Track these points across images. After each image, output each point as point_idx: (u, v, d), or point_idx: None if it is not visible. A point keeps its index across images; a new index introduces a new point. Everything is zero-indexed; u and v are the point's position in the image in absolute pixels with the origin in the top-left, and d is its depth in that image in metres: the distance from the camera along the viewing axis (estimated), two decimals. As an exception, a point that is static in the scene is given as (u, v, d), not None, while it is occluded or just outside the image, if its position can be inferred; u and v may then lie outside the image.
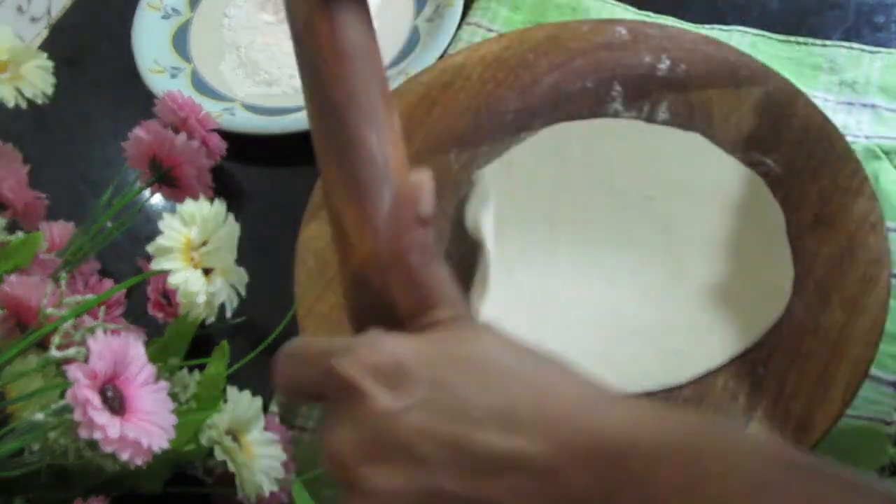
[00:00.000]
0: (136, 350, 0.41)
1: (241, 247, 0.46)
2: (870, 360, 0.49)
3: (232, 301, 0.46)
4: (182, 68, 0.74)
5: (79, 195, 0.68)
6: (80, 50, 0.78)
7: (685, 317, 0.53)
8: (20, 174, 0.58)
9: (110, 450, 0.38)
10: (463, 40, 0.71)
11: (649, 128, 0.60)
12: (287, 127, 0.68)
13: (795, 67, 0.65)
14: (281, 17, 0.76)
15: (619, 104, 0.61)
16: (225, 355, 0.48)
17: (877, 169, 0.59)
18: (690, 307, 0.53)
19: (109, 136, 0.72)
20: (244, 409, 0.47)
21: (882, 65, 0.65)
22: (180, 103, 0.61)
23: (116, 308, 0.56)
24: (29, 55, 0.54)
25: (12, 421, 0.46)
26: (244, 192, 0.68)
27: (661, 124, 0.60)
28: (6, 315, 0.49)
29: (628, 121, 0.61)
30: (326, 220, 0.59)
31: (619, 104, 0.61)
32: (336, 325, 0.55)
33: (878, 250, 0.52)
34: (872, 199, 0.54)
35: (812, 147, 0.57)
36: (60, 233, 0.58)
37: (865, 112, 0.63)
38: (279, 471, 0.47)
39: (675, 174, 0.58)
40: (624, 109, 0.61)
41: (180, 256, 0.44)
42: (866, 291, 0.51)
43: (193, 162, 0.56)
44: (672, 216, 0.56)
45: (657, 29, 0.64)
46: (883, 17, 0.67)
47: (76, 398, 0.37)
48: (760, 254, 0.54)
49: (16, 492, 0.46)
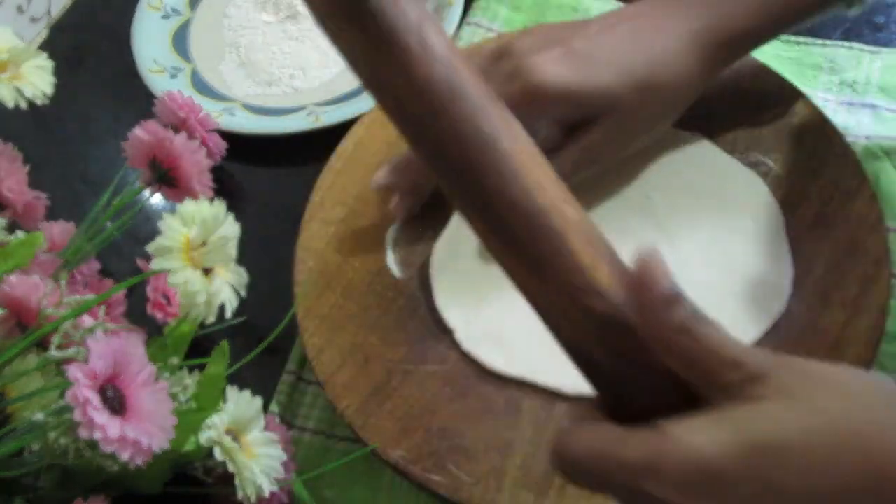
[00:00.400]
0: (136, 350, 0.41)
1: (241, 247, 0.46)
2: (870, 360, 0.49)
3: (232, 301, 0.46)
4: (182, 68, 0.74)
5: (79, 195, 0.68)
6: (80, 50, 0.78)
7: (685, 317, 0.52)
8: (20, 174, 0.58)
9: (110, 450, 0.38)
10: (463, 40, 0.71)
11: (649, 128, 0.60)
12: (287, 127, 0.68)
13: (795, 67, 0.65)
14: (281, 16, 0.76)
15: (619, 104, 0.61)
16: (225, 355, 0.48)
17: (877, 169, 0.59)
18: (690, 307, 0.53)
19: (109, 136, 0.72)
20: (244, 409, 0.47)
21: (882, 65, 0.65)
22: (180, 103, 0.61)
23: (116, 308, 0.56)
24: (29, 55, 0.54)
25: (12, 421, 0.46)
26: (244, 192, 0.68)
27: (661, 124, 0.60)
28: (6, 315, 0.49)
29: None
30: (326, 220, 0.59)
31: (619, 104, 0.61)
32: (335, 325, 0.55)
33: (878, 250, 0.52)
34: (872, 199, 0.54)
35: (812, 147, 0.57)
36: (60, 233, 0.58)
37: (865, 112, 0.63)
38: (279, 471, 0.47)
39: (675, 174, 0.58)
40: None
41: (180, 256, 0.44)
42: (866, 291, 0.51)
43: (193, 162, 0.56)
44: (672, 216, 0.56)
45: (657, 29, 0.64)
46: (883, 17, 0.67)
47: (76, 398, 0.37)
48: (760, 253, 0.54)
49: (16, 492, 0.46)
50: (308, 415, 0.56)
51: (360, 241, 0.58)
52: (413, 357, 0.53)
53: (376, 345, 0.54)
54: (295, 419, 0.56)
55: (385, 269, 0.57)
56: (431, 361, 0.53)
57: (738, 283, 0.53)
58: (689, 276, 0.54)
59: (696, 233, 0.55)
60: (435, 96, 0.36)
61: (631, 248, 0.56)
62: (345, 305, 0.56)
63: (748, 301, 0.52)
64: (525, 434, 0.50)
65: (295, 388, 0.57)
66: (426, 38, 0.36)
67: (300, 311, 0.55)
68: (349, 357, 0.53)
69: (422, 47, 0.36)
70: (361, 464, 0.51)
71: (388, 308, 0.56)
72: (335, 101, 0.70)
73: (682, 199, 0.57)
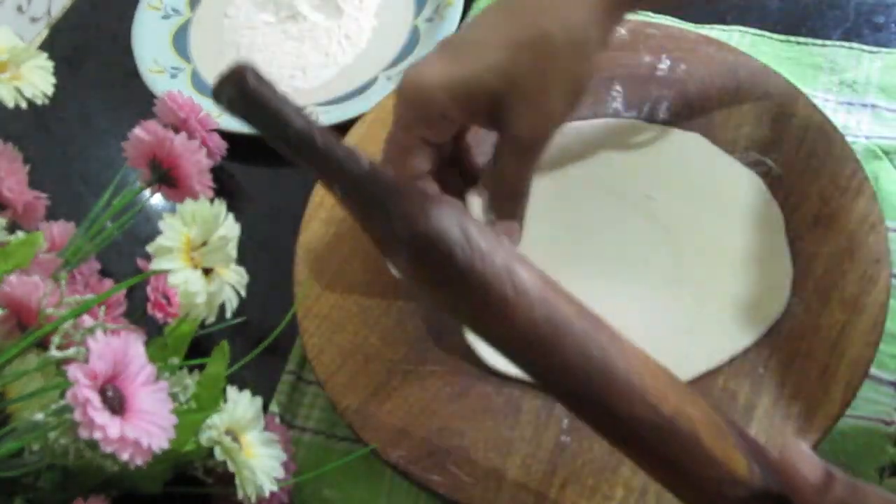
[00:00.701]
0: (136, 350, 0.41)
1: (241, 247, 0.46)
2: (870, 360, 0.49)
3: (232, 301, 0.46)
4: (182, 68, 0.74)
5: (79, 195, 0.68)
6: (80, 50, 0.78)
7: (685, 317, 0.53)
8: (20, 174, 0.58)
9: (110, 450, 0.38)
10: (463, 40, 0.71)
11: (649, 128, 0.60)
12: (287, 127, 0.68)
13: (795, 67, 0.65)
14: (281, 16, 0.76)
15: (619, 104, 0.62)
16: (225, 355, 0.48)
17: (877, 169, 0.60)
18: (690, 307, 0.53)
19: (109, 136, 0.72)
20: (244, 409, 0.47)
21: (882, 65, 0.65)
22: (180, 103, 0.62)
23: (116, 308, 0.56)
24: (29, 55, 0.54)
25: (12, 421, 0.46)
26: (244, 192, 0.68)
27: (661, 124, 0.60)
28: (6, 315, 0.49)
29: (628, 121, 0.61)
30: (326, 220, 0.59)
31: (619, 104, 0.62)
32: (335, 326, 0.55)
33: (878, 250, 0.52)
34: (872, 199, 0.54)
35: (812, 147, 0.57)
36: (60, 233, 0.58)
37: (865, 112, 0.63)
38: (279, 471, 0.47)
39: (675, 174, 0.58)
40: (624, 109, 0.61)
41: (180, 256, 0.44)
42: (866, 291, 0.51)
43: (193, 162, 0.56)
44: (672, 216, 0.56)
45: (657, 29, 0.64)
46: (883, 17, 0.67)
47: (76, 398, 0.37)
48: (760, 254, 0.54)
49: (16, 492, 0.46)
50: (308, 415, 0.56)
51: (360, 241, 0.58)
52: (413, 357, 0.53)
53: (376, 345, 0.54)
54: (295, 419, 0.56)
55: (385, 269, 0.57)
56: (431, 361, 0.53)
57: (738, 283, 0.53)
58: (689, 277, 0.54)
59: (695, 233, 0.55)
60: (539, 338, 0.37)
61: (630, 247, 0.56)
62: (345, 305, 0.56)
63: (748, 301, 0.52)
64: (525, 434, 0.50)
65: (295, 388, 0.57)
66: (519, 283, 0.37)
67: (300, 311, 0.55)
68: (349, 357, 0.53)
69: (517, 293, 0.37)
70: (361, 464, 0.51)
71: (388, 308, 0.56)
72: (335, 101, 0.70)
73: (682, 199, 0.57)
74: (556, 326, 0.37)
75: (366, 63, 0.73)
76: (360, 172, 0.39)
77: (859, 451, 0.50)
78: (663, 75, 0.62)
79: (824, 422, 0.48)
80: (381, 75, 0.71)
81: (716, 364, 0.51)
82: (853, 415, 0.51)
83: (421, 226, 0.37)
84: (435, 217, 0.37)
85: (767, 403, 0.49)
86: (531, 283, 0.37)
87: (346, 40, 0.74)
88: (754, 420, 0.48)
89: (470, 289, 0.37)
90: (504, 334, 0.38)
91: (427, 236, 0.37)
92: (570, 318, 0.37)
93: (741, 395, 0.49)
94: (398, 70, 0.71)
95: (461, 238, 0.37)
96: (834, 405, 0.48)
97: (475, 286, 0.37)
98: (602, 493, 0.47)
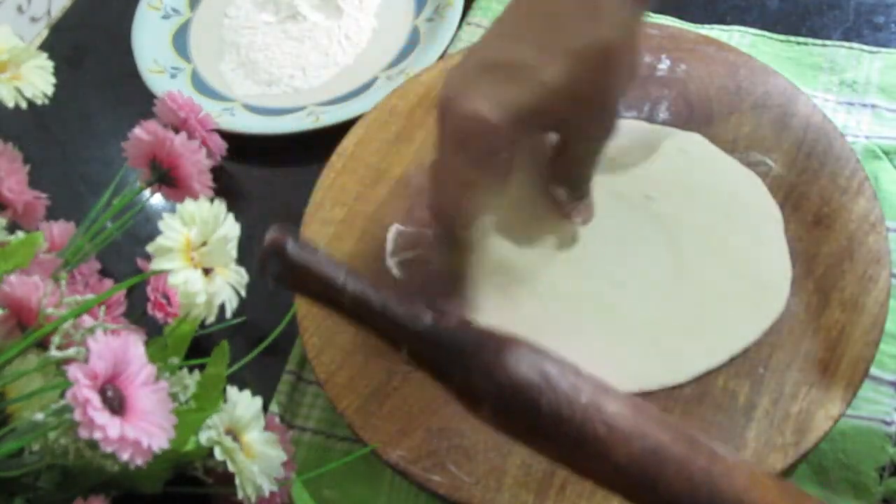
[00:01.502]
0: (136, 350, 0.41)
1: (241, 247, 0.46)
2: (870, 360, 0.49)
3: (232, 301, 0.46)
4: (182, 68, 0.74)
5: (79, 195, 0.68)
6: (80, 50, 0.78)
7: (685, 316, 0.53)
8: (20, 174, 0.58)
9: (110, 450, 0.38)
10: (463, 40, 0.71)
11: (649, 128, 0.60)
12: (287, 127, 0.68)
13: (795, 67, 0.65)
14: (281, 16, 0.76)
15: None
16: (225, 355, 0.48)
17: (877, 169, 0.60)
18: (690, 307, 0.53)
19: (109, 136, 0.72)
20: (244, 409, 0.47)
21: (882, 65, 0.65)
22: (180, 103, 0.62)
23: (116, 308, 0.56)
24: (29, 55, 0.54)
25: (12, 421, 0.46)
26: (244, 192, 0.68)
27: (661, 124, 0.60)
28: (6, 315, 0.49)
29: (628, 121, 0.61)
30: (326, 220, 0.59)
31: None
32: (335, 326, 0.55)
33: (878, 250, 0.52)
34: (872, 199, 0.54)
35: (812, 147, 0.57)
36: (60, 233, 0.58)
37: (865, 112, 0.63)
38: (279, 471, 0.47)
39: (675, 174, 0.58)
40: (624, 109, 0.61)
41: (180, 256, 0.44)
42: (866, 291, 0.51)
43: (193, 162, 0.56)
44: (672, 216, 0.56)
45: (657, 29, 0.64)
46: (883, 17, 0.67)
47: (76, 398, 0.37)
48: (760, 253, 0.54)
49: (16, 492, 0.46)
50: (308, 415, 0.56)
51: (360, 242, 0.58)
52: (413, 357, 0.53)
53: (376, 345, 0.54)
54: (295, 419, 0.56)
55: (385, 270, 0.57)
56: (431, 361, 0.53)
57: (737, 282, 0.53)
58: (688, 276, 0.54)
59: (695, 233, 0.55)
60: (641, 471, 0.35)
61: (630, 247, 0.56)
62: (345, 305, 0.56)
63: (748, 301, 0.52)
64: (525, 434, 0.50)
65: (295, 388, 0.57)
66: (609, 419, 0.35)
67: (300, 311, 0.55)
68: (349, 357, 0.53)
69: (609, 430, 0.35)
70: (361, 464, 0.51)
71: (388, 308, 0.56)
72: (335, 101, 0.70)
73: (682, 199, 0.57)
74: (656, 455, 0.35)
75: (366, 63, 0.73)
76: (425, 328, 0.38)
77: (859, 451, 0.50)
78: (663, 75, 0.62)
79: (824, 422, 0.48)
80: (381, 75, 0.72)
81: (716, 364, 0.51)
82: (853, 415, 0.51)
83: (501, 377, 0.35)
84: (513, 365, 0.35)
85: (767, 403, 0.49)
86: (621, 415, 0.36)
87: (346, 40, 0.74)
88: (754, 420, 0.48)
89: (560, 434, 0.35)
90: (603, 472, 0.36)
91: (510, 387, 0.35)
92: (667, 445, 0.35)
93: (741, 395, 0.49)
94: (398, 70, 0.71)
95: (543, 383, 0.35)
96: (834, 405, 0.48)
97: (565, 432, 0.35)
98: (602, 493, 0.47)
